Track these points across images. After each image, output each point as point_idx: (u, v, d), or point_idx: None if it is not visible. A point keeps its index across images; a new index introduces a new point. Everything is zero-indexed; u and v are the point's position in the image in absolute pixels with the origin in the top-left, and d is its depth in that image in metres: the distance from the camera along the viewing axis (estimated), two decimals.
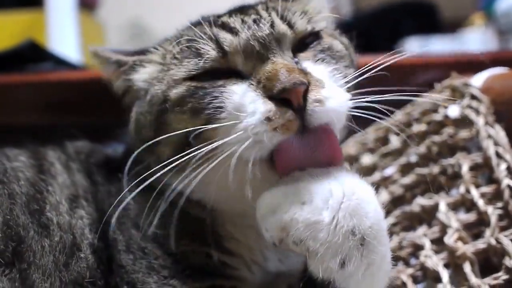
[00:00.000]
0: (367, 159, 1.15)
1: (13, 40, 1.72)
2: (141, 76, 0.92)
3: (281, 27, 0.80)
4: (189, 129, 0.78)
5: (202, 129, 0.77)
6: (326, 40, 0.86)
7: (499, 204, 0.91)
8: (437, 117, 1.09)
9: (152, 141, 0.82)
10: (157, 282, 0.83)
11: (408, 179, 1.08)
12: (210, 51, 0.80)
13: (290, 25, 0.81)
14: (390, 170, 1.13)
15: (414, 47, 2.33)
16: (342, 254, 0.68)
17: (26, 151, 0.96)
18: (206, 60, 0.79)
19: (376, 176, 1.13)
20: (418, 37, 2.34)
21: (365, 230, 0.69)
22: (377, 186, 1.10)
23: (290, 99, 0.71)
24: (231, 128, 0.75)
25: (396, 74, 1.42)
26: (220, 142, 0.74)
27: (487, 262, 0.88)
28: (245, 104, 0.75)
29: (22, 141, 1.00)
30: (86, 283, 0.83)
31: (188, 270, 0.84)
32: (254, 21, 0.80)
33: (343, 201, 0.69)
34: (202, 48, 0.80)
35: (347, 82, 0.80)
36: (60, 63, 1.59)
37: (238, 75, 0.79)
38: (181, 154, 0.76)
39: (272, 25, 0.80)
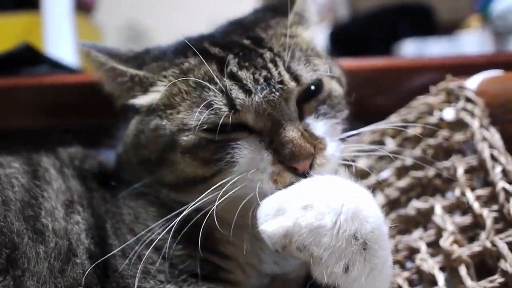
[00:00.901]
0: (362, 162, 1.14)
1: (10, 42, 1.72)
2: (141, 101, 0.91)
3: (290, 84, 0.82)
4: (204, 175, 0.84)
5: (211, 176, 0.83)
6: (326, 88, 0.89)
7: (495, 207, 0.91)
8: (432, 120, 1.09)
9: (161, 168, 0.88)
10: (153, 287, 0.83)
11: (403, 182, 1.08)
12: (223, 107, 0.81)
13: (297, 79, 0.84)
14: (386, 173, 1.13)
15: (411, 49, 2.34)
16: (346, 259, 0.69)
17: (19, 158, 0.96)
18: (218, 115, 0.81)
19: (372, 179, 1.13)
20: (415, 39, 2.35)
21: (367, 235, 0.69)
22: (372, 189, 1.10)
23: (298, 168, 0.78)
24: (240, 179, 0.81)
25: (392, 77, 1.43)
26: (232, 192, 0.80)
27: (483, 265, 0.88)
28: (257, 161, 0.80)
29: (16, 145, 1.00)
30: None
31: (184, 275, 0.85)
32: (265, 79, 0.82)
33: (343, 205, 0.70)
34: (214, 102, 0.81)
35: (343, 131, 0.89)
36: (56, 66, 1.59)
37: (245, 128, 0.83)
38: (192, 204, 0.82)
39: (281, 83, 0.82)
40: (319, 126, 0.84)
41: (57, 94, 1.53)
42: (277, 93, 0.81)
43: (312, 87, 0.86)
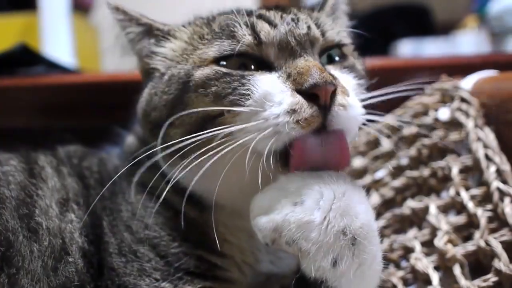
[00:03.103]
0: (358, 162, 1.15)
1: (6, 43, 1.72)
2: (165, 51, 0.91)
3: (316, 31, 0.82)
4: (212, 108, 0.78)
5: (221, 114, 0.78)
6: (350, 59, 0.89)
7: (489, 206, 0.91)
8: (428, 120, 1.09)
9: (171, 119, 0.82)
10: (149, 285, 0.83)
11: (398, 182, 1.09)
12: (246, 36, 0.80)
13: (322, 33, 0.84)
14: (381, 173, 1.14)
15: (408, 49, 2.34)
16: (333, 254, 0.69)
17: (17, 155, 0.96)
18: (241, 43, 0.80)
19: (367, 179, 1.13)
20: (412, 39, 2.35)
21: (356, 230, 0.70)
22: (368, 189, 1.11)
23: (319, 95, 0.72)
24: (253, 116, 0.75)
25: (387, 77, 1.43)
26: (240, 127, 0.75)
27: (478, 264, 0.89)
28: (273, 93, 0.75)
29: (14, 145, 1.00)
30: (74, 287, 0.83)
31: (180, 273, 0.85)
32: (292, 19, 0.82)
33: (334, 202, 0.70)
34: (238, 32, 0.81)
35: (363, 100, 0.82)
36: (53, 66, 1.59)
37: (266, 67, 0.81)
38: (196, 134, 0.76)
39: (308, 27, 0.82)
40: (344, 78, 0.82)
41: (53, 94, 1.53)
42: (303, 30, 0.81)
43: (337, 58, 0.86)
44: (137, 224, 0.88)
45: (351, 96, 0.77)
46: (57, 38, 1.99)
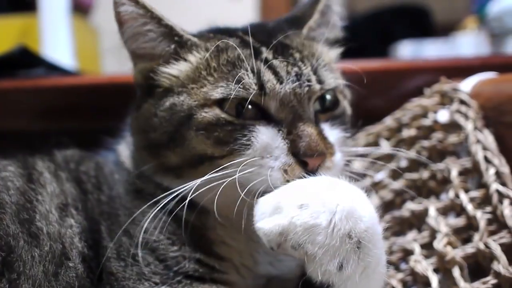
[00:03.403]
0: (357, 164, 1.15)
1: (6, 45, 1.72)
2: (171, 71, 0.91)
3: (316, 86, 0.87)
4: (214, 154, 0.84)
5: (221, 157, 0.83)
6: (341, 106, 0.93)
7: (488, 209, 0.91)
8: (427, 122, 1.09)
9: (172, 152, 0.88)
10: None
11: (398, 184, 1.09)
12: (252, 86, 0.83)
13: (320, 82, 0.88)
14: (381, 175, 1.14)
15: (407, 51, 2.34)
16: (340, 257, 0.70)
17: (15, 161, 0.96)
18: (246, 91, 0.83)
19: (367, 181, 1.13)
20: (411, 41, 2.35)
21: (361, 234, 0.71)
22: (367, 191, 1.11)
23: (309, 163, 0.81)
24: (250, 163, 0.81)
25: (387, 79, 1.43)
26: (238, 175, 0.80)
27: (478, 266, 0.89)
28: (272, 147, 0.82)
29: (13, 148, 1.00)
30: None
31: (179, 276, 0.85)
32: (296, 74, 0.85)
33: (338, 205, 0.71)
34: (245, 79, 0.83)
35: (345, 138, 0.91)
36: (53, 68, 1.59)
37: (265, 115, 0.84)
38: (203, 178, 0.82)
39: (309, 82, 0.86)
40: (332, 134, 0.88)
41: (53, 96, 1.53)
42: (305, 89, 0.85)
43: (329, 103, 0.90)
44: (135, 228, 0.88)
45: (336, 153, 0.85)
46: (57, 39, 1.99)
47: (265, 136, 0.83)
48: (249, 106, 0.84)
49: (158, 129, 0.89)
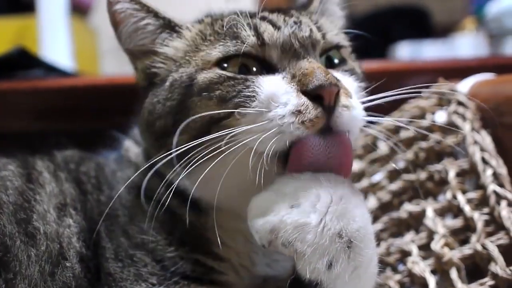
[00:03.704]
0: (355, 165, 1.15)
1: (4, 46, 1.72)
2: (168, 50, 0.90)
3: (317, 34, 0.84)
4: (218, 111, 0.78)
5: (226, 116, 0.78)
6: (349, 62, 0.90)
7: (485, 210, 0.91)
8: (424, 123, 1.09)
9: (181, 126, 0.81)
10: None
11: (395, 185, 1.09)
12: (250, 37, 0.81)
13: (323, 35, 0.86)
14: (378, 176, 1.14)
15: (406, 52, 2.34)
16: (329, 256, 0.70)
17: (15, 160, 0.96)
18: (245, 44, 0.80)
19: (364, 182, 1.13)
20: (410, 41, 2.36)
21: (352, 233, 0.71)
22: (365, 192, 1.11)
23: (323, 96, 0.73)
24: (258, 117, 0.76)
25: (386, 80, 1.43)
26: (245, 128, 0.75)
27: (475, 268, 0.89)
28: (279, 94, 0.76)
29: (12, 149, 1.00)
30: None
31: (176, 277, 0.85)
32: (295, 22, 0.83)
33: (330, 205, 0.71)
34: (242, 33, 0.82)
35: (364, 102, 0.83)
36: (51, 70, 1.59)
37: (268, 68, 0.81)
38: (204, 138, 0.76)
39: (310, 30, 0.83)
40: (344, 79, 0.83)
41: (52, 98, 1.53)
42: (306, 33, 0.82)
43: (336, 60, 0.88)
44: (134, 229, 0.88)
45: (353, 97, 0.79)
46: (55, 40, 1.98)
47: (269, 84, 0.78)
48: (249, 59, 0.81)
49: (162, 114, 0.86)
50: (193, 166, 0.77)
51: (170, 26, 0.90)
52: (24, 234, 0.84)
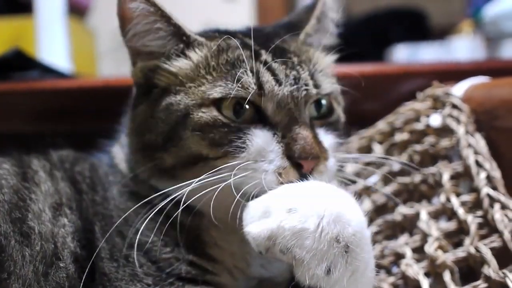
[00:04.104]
0: (350, 168, 1.15)
1: (2, 46, 1.71)
2: (171, 68, 0.91)
3: (312, 90, 0.88)
4: (209, 155, 0.84)
5: (215, 158, 0.84)
6: (335, 113, 0.94)
7: (479, 213, 0.92)
8: (419, 126, 1.10)
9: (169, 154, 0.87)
10: None
11: (390, 188, 1.09)
12: (252, 85, 0.84)
13: (317, 87, 0.89)
14: (373, 179, 1.14)
15: (403, 54, 2.34)
16: (327, 261, 0.70)
17: (10, 159, 0.96)
18: (245, 90, 0.84)
19: (359, 185, 1.14)
20: (407, 44, 2.36)
21: (349, 238, 0.71)
22: (360, 195, 1.11)
23: (303, 166, 0.81)
24: (245, 166, 0.82)
25: (381, 83, 1.44)
26: (232, 179, 0.81)
27: (469, 270, 0.89)
28: (267, 151, 0.82)
29: (7, 149, 1.00)
30: None
31: (171, 278, 0.85)
32: (295, 78, 0.86)
33: (326, 209, 0.71)
34: (244, 78, 0.84)
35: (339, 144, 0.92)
36: (47, 71, 1.59)
37: (262, 116, 0.85)
38: (196, 180, 0.82)
39: (306, 86, 0.87)
40: (326, 139, 0.88)
41: (48, 99, 1.53)
42: (302, 93, 0.86)
43: (324, 109, 0.91)
44: (129, 229, 0.88)
45: (330, 158, 0.86)
46: (52, 42, 1.98)
47: (260, 139, 0.83)
48: (247, 106, 0.84)
49: (153, 130, 0.89)
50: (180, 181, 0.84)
51: (180, 35, 0.91)
52: (19, 233, 0.84)
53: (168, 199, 0.83)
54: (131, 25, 0.90)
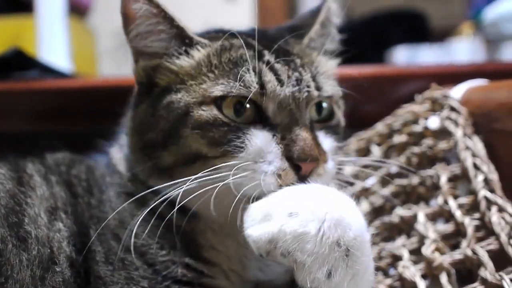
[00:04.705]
0: (348, 170, 1.15)
1: (2, 45, 1.71)
2: (172, 67, 0.91)
3: (314, 92, 0.88)
4: (207, 154, 0.84)
5: (214, 157, 0.83)
6: (337, 116, 0.94)
7: (476, 215, 0.92)
8: (417, 128, 1.10)
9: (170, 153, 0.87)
10: None
11: (388, 190, 1.09)
12: (254, 84, 0.84)
13: (319, 89, 0.89)
14: (371, 181, 1.14)
15: (403, 56, 2.35)
16: (328, 265, 0.70)
17: (5, 164, 0.96)
18: (247, 89, 0.83)
19: (357, 186, 1.14)
20: (407, 46, 2.36)
21: (350, 241, 0.71)
22: (357, 196, 1.11)
23: (302, 168, 0.81)
24: (244, 166, 0.81)
25: (380, 85, 1.44)
26: (231, 179, 0.80)
27: (465, 273, 0.89)
28: (266, 152, 0.82)
29: (6, 150, 1.00)
30: None
31: (167, 281, 0.85)
32: (297, 80, 0.86)
33: (327, 212, 0.71)
34: (246, 77, 0.84)
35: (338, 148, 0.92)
36: (47, 71, 1.59)
37: (262, 115, 0.85)
38: (196, 176, 0.81)
39: (308, 87, 0.87)
40: (325, 142, 0.88)
41: (47, 99, 1.53)
42: (304, 94, 0.86)
43: (325, 112, 0.91)
44: (125, 232, 0.88)
45: (329, 161, 0.86)
46: (53, 41, 1.98)
47: (259, 140, 0.83)
48: (247, 105, 0.84)
49: (154, 128, 0.89)
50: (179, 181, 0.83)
51: (182, 37, 0.91)
52: (16, 238, 0.84)
53: (164, 197, 0.83)
54: (133, 25, 0.90)
